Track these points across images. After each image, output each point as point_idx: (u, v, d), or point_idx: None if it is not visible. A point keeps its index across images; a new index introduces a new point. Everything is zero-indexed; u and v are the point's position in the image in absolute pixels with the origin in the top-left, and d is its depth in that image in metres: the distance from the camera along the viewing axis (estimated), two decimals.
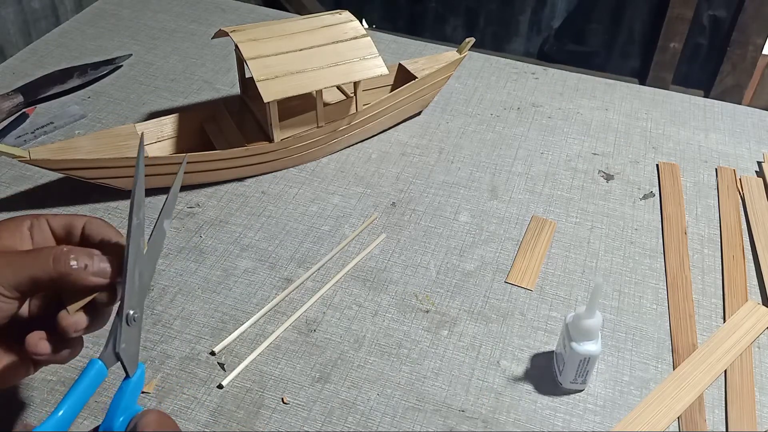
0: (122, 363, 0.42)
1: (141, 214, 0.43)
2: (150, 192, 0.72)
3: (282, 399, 0.55)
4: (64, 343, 0.44)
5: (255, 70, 0.67)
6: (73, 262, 0.42)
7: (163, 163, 0.69)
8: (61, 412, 0.39)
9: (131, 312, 0.42)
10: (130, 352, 0.42)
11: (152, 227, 0.45)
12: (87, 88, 0.87)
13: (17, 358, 0.44)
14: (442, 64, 0.80)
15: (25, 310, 0.47)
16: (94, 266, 0.42)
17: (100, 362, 0.41)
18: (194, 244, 0.67)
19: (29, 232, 0.45)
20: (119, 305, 0.42)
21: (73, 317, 0.43)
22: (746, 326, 0.61)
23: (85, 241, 0.46)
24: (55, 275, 0.42)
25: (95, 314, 0.44)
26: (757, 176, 0.77)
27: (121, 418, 0.40)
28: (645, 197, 0.75)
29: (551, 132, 0.83)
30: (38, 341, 0.43)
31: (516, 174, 0.77)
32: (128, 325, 0.42)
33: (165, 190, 0.72)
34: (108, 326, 0.44)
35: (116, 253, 0.44)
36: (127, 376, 0.42)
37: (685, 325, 0.61)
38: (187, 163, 0.70)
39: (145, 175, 0.69)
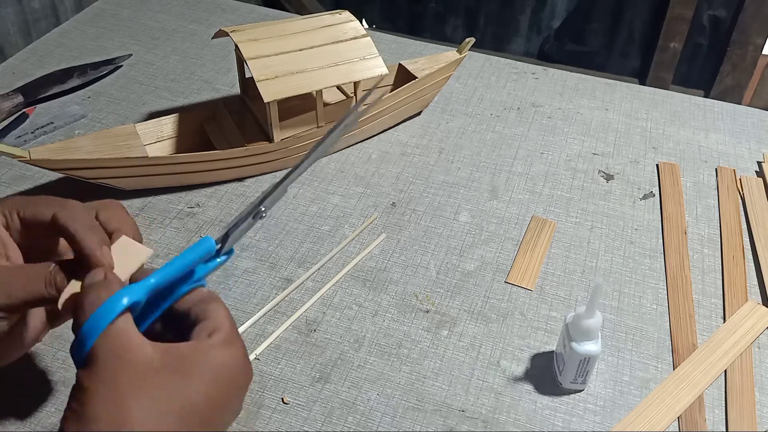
0: (224, 242, 0.42)
1: (324, 147, 0.44)
2: (150, 192, 0.72)
3: (282, 399, 0.55)
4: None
5: (255, 70, 0.67)
6: (64, 283, 0.41)
7: (163, 163, 0.69)
8: (160, 273, 0.40)
9: (263, 209, 0.43)
10: (236, 236, 0.43)
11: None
12: (87, 88, 0.87)
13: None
14: (442, 64, 0.80)
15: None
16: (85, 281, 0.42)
17: (211, 240, 0.41)
18: None
19: (8, 234, 0.44)
20: (256, 201, 0.43)
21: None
22: (746, 326, 0.61)
23: (56, 230, 0.44)
24: (47, 297, 0.41)
25: None
26: (757, 176, 0.77)
27: (185, 282, 0.41)
28: (645, 197, 0.75)
29: (551, 132, 0.83)
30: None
31: (516, 174, 0.77)
32: (253, 219, 0.43)
33: (165, 190, 0.72)
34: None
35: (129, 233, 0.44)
36: (219, 252, 0.42)
37: (685, 325, 0.61)
38: (187, 163, 0.70)
39: (145, 176, 0.70)
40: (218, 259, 0.43)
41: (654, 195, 0.75)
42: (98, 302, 0.37)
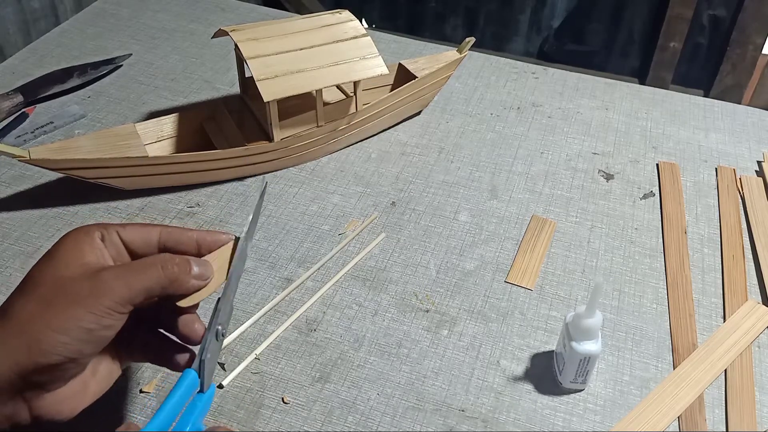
0: (201, 376, 0.42)
1: (251, 239, 0.46)
2: (150, 192, 0.72)
3: (282, 399, 0.55)
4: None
5: (255, 69, 0.67)
6: (176, 268, 0.42)
7: (163, 162, 0.69)
8: (158, 420, 0.39)
9: (220, 328, 0.43)
10: (209, 366, 0.43)
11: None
12: (87, 88, 0.87)
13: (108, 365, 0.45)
14: (442, 63, 0.80)
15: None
16: (194, 270, 0.43)
17: (194, 372, 0.41)
18: None
19: (103, 245, 0.44)
20: (211, 320, 0.43)
21: (198, 324, 0.46)
22: (746, 325, 0.61)
23: (163, 250, 0.46)
24: (166, 283, 0.42)
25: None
26: (757, 176, 0.77)
27: None
28: (645, 197, 0.75)
29: (551, 131, 0.83)
30: (195, 325, 0.45)
31: (516, 173, 0.77)
32: (216, 340, 0.43)
33: (165, 190, 0.72)
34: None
35: (208, 249, 0.46)
36: (201, 391, 0.42)
37: (685, 324, 0.61)
38: (187, 162, 0.70)
39: (145, 175, 0.70)
40: (204, 396, 0.42)
41: (654, 194, 0.75)
42: None
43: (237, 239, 0.47)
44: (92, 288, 0.40)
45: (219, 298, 0.43)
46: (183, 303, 0.44)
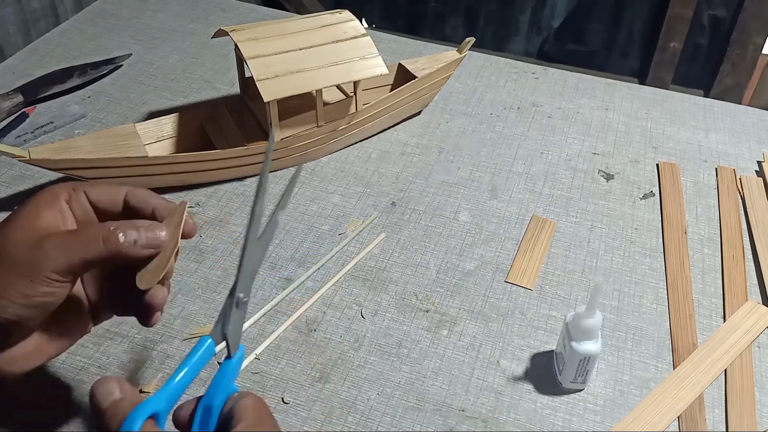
0: (227, 343, 0.43)
1: (261, 205, 0.44)
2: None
3: (282, 399, 0.55)
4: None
5: (255, 69, 0.67)
6: (122, 238, 0.42)
7: (163, 162, 0.69)
8: (173, 383, 0.40)
9: (241, 296, 0.43)
10: (234, 333, 0.43)
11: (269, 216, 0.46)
12: (87, 88, 0.87)
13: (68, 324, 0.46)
14: (441, 63, 0.80)
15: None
16: (142, 239, 0.43)
17: (210, 339, 0.42)
18: (194, 244, 0.67)
19: (68, 206, 0.45)
20: (232, 288, 0.43)
21: (160, 293, 0.45)
22: (746, 326, 0.61)
23: (128, 211, 0.46)
24: (106, 255, 0.42)
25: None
26: (757, 176, 0.77)
27: (219, 398, 0.42)
28: (645, 197, 0.75)
29: (551, 132, 0.83)
30: (159, 293, 0.45)
31: (516, 174, 0.77)
32: (237, 308, 0.43)
33: (165, 190, 0.72)
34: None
35: (162, 218, 0.45)
36: (228, 357, 0.43)
37: (685, 324, 0.61)
38: (187, 162, 0.70)
39: (145, 175, 0.70)
40: (233, 360, 0.43)
41: (654, 194, 0.75)
42: (120, 417, 0.38)
43: (184, 204, 0.47)
44: (33, 257, 0.41)
45: (239, 265, 0.43)
46: (142, 284, 0.44)
